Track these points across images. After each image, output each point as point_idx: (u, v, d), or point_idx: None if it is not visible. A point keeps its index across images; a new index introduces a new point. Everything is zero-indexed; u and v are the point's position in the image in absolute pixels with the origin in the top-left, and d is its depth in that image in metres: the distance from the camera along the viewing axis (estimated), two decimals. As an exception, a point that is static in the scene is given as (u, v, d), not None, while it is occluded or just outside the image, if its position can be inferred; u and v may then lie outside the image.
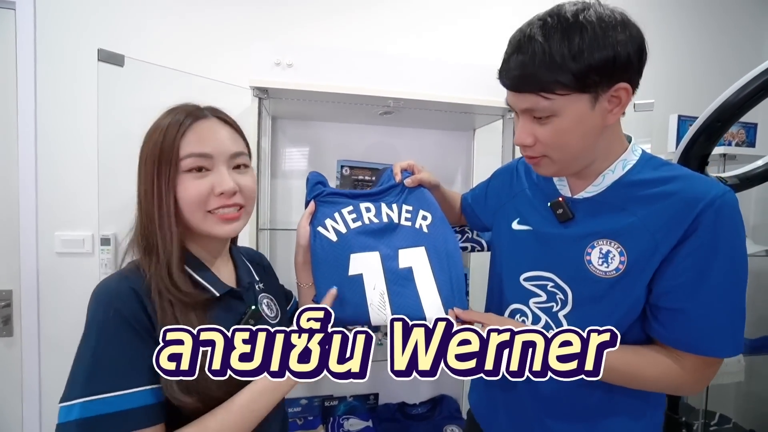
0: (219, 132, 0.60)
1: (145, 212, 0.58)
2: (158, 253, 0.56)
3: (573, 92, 0.55)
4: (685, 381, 0.59)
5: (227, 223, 0.60)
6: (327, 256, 0.71)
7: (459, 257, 0.76)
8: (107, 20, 1.27)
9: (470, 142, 1.55)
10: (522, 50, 0.56)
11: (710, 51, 1.81)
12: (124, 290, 0.53)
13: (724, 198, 0.54)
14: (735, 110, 0.81)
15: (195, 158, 0.57)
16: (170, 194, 0.56)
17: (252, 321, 0.61)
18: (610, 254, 0.60)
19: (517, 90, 0.58)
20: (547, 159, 0.62)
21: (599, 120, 0.58)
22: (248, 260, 0.74)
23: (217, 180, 0.58)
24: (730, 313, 0.55)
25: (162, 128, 0.57)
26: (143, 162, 0.58)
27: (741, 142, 1.58)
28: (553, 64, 0.53)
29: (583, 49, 0.52)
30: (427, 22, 1.51)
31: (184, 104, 0.61)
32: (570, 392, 0.65)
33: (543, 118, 0.58)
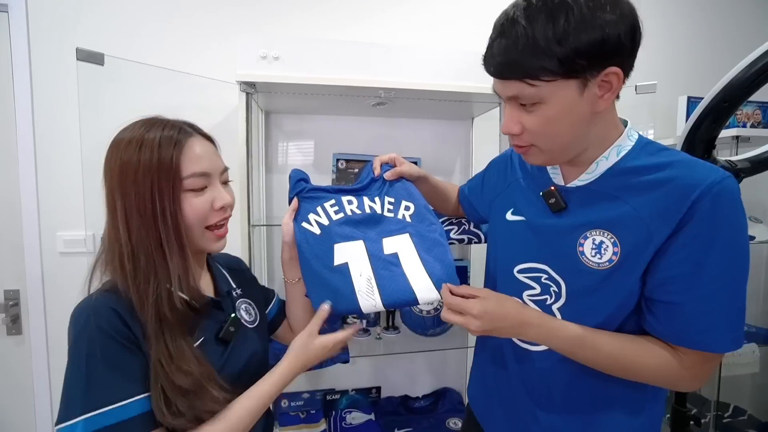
0: (207, 148, 0.62)
1: (139, 230, 0.56)
2: (156, 274, 0.56)
3: (559, 78, 0.52)
4: (683, 376, 0.56)
5: (221, 238, 0.65)
6: (312, 249, 0.71)
7: (445, 243, 0.75)
8: (93, 19, 1.26)
9: (469, 131, 1.51)
10: (505, 34, 0.53)
11: (718, 30, 1.72)
12: (102, 308, 0.54)
13: (723, 184, 0.51)
14: (743, 89, 0.75)
15: (197, 178, 0.59)
16: (176, 214, 0.57)
17: (232, 328, 0.64)
18: (603, 245, 0.58)
19: (501, 77, 0.56)
20: (536, 148, 0.60)
21: (589, 107, 0.54)
22: (225, 267, 0.75)
23: (217, 195, 0.62)
24: (728, 306, 0.53)
25: (152, 143, 0.56)
26: (131, 175, 0.56)
27: (756, 123, 1.50)
28: (537, 49, 0.50)
29: (569, 32, 0.49)
30: (419, 8, 1.47)
31: (161, 120, 0.61)
32: (564, 383, 0.64)
33: (529, 106, 0.56)
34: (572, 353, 0.60)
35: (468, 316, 0.60)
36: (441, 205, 0.97)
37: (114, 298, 0.55)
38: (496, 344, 0.73)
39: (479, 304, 0.60)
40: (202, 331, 0.61)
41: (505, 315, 0.60)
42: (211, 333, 0.62)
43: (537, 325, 0.60)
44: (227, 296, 0.69)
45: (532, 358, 0.67)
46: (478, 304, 0.60)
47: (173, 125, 0.60)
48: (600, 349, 0.57)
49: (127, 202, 0.56)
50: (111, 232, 0.58)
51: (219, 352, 0.62)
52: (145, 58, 1.05)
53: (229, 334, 0.63)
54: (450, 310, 0.63)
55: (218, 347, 0.62)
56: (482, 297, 0.62)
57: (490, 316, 0.60)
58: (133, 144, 0.57)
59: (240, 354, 0.65)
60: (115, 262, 0.57)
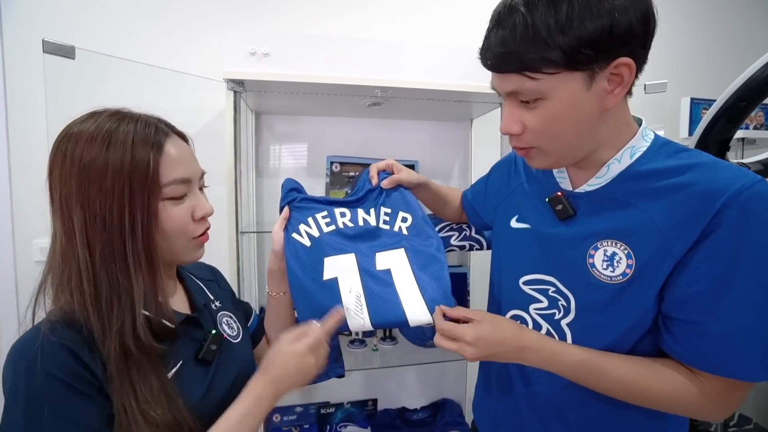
0: (186, 151, 0.55)
1: (103, 246, 0.47)
2: (120, 299, 0.47)
3: (563, 70, 0.47)
4: (704, 405, 0.50)
5: (202, 246, 0.58)
6: (301, 261, 0.68)
7: (443, 258, 0.71)
8: (69, 11, 1.19)
9: (468, 132, 1.47)
10: (502, 24, 0.48)
11: (723, 30, 1.70)
12: (51, 347, 0.44)
13: (753, 190, 0.45)
14: (762, 88, 0.71)
15: (178, 185, 0.52)
16: (150, 227, 0.49)
17: (213, 346, 0.57)
18: (615, 257, 0.53)
19: (499, 70, 0.51)
20: (537, 150, 0.55)
21: (597, 103, 0.49)
22: (199, 278, 0.68)
23: (197, 204, 0.55)
24: (758, 329, 0.46)
25: (124, 141, 0.48)
26: (96, 179, 0.47)
27: (759, 125, 1.47)
28: (537, 38, 0.46)
29: (573, 19, 0.44)
30: (416, 3, 1.42)
31: (129, 114, 0.52)
32: (575, 408, 0.59)
33: (530, 102, 0.51)
34: (578, 379, 0.55)
35: (461, 342, 0.56)
36: (442, 211, 0.93)
37: (67, 333, 0.45)
38: (501, 363, 0.68)
39: (473, 330, 0.56)
40: (178, 354, 0.53)
41: (501, 340, 0.56)
42: (189, 355, 0.55)
43: (537, 349, 0.55)
44: (205, 310, 0.62)
45: (540, 380, 0.62)
46: (472, 329, 0.56)
47: (147, 121, 0.51)
48: (609, 374, 0.53)
49: (89, 211, 0.47)
50: (66, 248, 0.48)
51: (200, 376, 0.55)
52: (123, 52, 0.97)
53: (210, 354, 0.56)
54: (442, 336, 0.58)
55: (199, 370, 0.55)
56: (477, 321, 0.57)
57: (485, 342, 0.55)
58: (98, 140, 0.47)
59: (225, 374, 0.58)
60: (71, 284, 0.47)
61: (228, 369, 0.59)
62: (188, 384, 0.52)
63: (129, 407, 0.45)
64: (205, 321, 0.61)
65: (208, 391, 0.54)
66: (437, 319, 0.61)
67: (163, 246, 0.52)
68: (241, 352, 0.64)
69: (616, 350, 0.55)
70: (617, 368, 0.53)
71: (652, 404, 0.53)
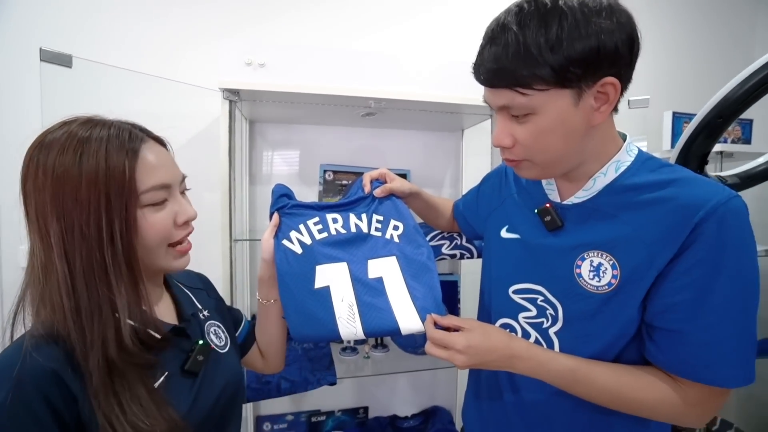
0: (163, 155, 0.54)
1: (81, 258, 0.46)
2: (101, 312, 0.46)
3: (552, 87, 0.49)
4: (686, 412, 0.52)
5: (184, 255, 0.56)
6: (292, 269, 0.67)
7: (433, 266, 0.72)
8: (57, 17, 1.18)
9: (459, 142, 1.49)
10: (495, 41, 0.50)
11: (704, 46, 1.77)
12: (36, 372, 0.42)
13: (729, 205, 0.48)
14: (737, 105, 0.75)
15: (158, 191, 0.50)
16: (129, 236, 0.48)
17: (200, 357, 0.56)
18: (601, 267, 0.55)
19: (492, 85, 0.53)
20: (528, 162, 0.57)
21: (584, 119, 0.52)
22: (188, 286, 0.67)
23: (179, 209, 0.53)
24: (736, 337, 0.49)
25: (97, 149, 0.46)
26: (70, 189, 0.45)
27: (737, 139, 1.53)
28: (528, 56, 0.48)
29: (562, 39, 0.47)
30: (410, 17, 1.45)
31: (101, 120, 0.50)
32: (561, 413, 0.61)
33: (521, 117, 0.53)
34: (566, 387, 0.56)
35: (452, 350, 0.57)
36: (434, 221, 0.94)
37: (52, 352, 0.44)
38: (490, 371, 0.69)
39: (463, 338, 0.57)
40: (165, 365, 0.52)
41: (491, 348, 0.57)
42: (175, 366, 0.54)
43: (526, 357, 0.56)
44: (193, 319, 0.61)
45: (529, 388, 0.63)
46: (463, 337, 0.57)
47: (120, 127, 0.49)
48: (595, 382, 0.54)
49: (66, 223, 0.45)
50: (44, 261, 0.46)
51: (187, 388, 0.54)
52: (120, 61, 0.98)
53: (196, 365, 0.55)
54: (433, 344, 0.59)
55: (185, 381, 0.54)
56: (467, 329, 0.58)
57: (476, 350, 0.56)
58: (71, 149, 0.46)
59: (212, 386, 0.57)
60: (52, 299, 0.45)
61: (214, 380, 0.58)
62: (175, 396, 0.51)
63: (117, 421, 0.44)
64: (192, 331, 0.60)
65: (195, 403, 0.53)
66: (428, 327, 0.62)
67: (143, 255, 0.51)
68: (228, 363, 0.63)
69: (602, 358, 0.56)
70: (603, 377, 0.54)
71: (636, 411, 0.54)
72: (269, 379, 1.09)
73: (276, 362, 0.78)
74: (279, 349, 0.77)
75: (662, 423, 0.60)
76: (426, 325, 0.63)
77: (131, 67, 0.96)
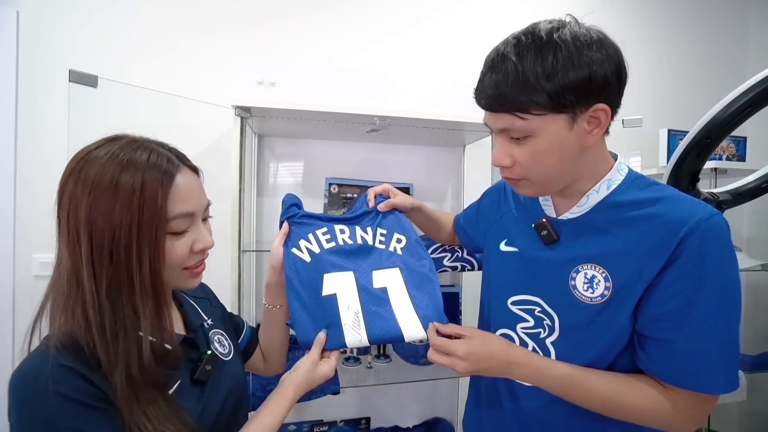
0: (194, 184, 0.55)
1: (110, 277, 0.47)
2: (126, 331, 0.47)
3: (549, 112, 0.53)
4: (676, 418, 0.54)
5: (199, 275, 0.57)
6: (300, 277, 0.70)
7: (435, 278, 0.75)
8: (84, 41, 1.25)
9: (461, 157, 1.54)
10: (495, 69, 0.54)
11: (697, 65, 1.82)
12: (57, 371, 0.44)
13: (710, 222, 0.51)
14: (723, 127, 0.79)
15: (182, 219, 0.51)
16: (158, 259, 0.49)
17: (209, 367, 0.58)
18: (595, 279, 0.58)
19: (492, 110, 0.57)
20: (526, 180, 0.60)
21: (578, 141, 0.56)
22: (191, 296, 0.69)
23: (198, 237, 0.54)
24: (720, 346, 0.52)
25: (133, 185, 0.47)
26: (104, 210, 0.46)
27: (731, 156, 1.57)
28: (526, 84, 0.52)
29: (557, 69, 0.51)
30: (413, 40, 1.51)
31: (143, 142, 0.52)
32: (559, 423, 0.63)
33: (520, 139, 0.56)
34: (562, 393, 0.58)
35: (454, 357, 0.59)
36: (436, 235, 0.97)
37: (70, 356, 0.45)
38: (490, 380, 0.72)
39: (464, 345, 0.59)
40: (176, 375, 0.54)
41: (491, 355, 0.59)
42: (185, 375, 0.55)
43: (524, 364, 0.59)
44: (200, 330, 0.63)
45: (527, 395, 0.65)
46: (464, 344, 0.59)
47: (159, 153, 0.51)
48: (590, 388, 0.56)
49: (96, 241, 0.46)
50: (71, 275, 0.47)
51: (196, 396, 0.55)
52: (140, 81, 1.04)
53: (205, 374, 0.56)
54: (435, 351, 0.61)
55: (195, 390, 0.56)
56: (468, 337, 0.61)
57: (476, 357, 0.59)
58: (110, 169, 0.47)
59: (218, 393, 0.59)
60: (76, 311, 0.46)
61: (220, 387, 0.59)
62: (186, 404, 0.52)
63: (145, 429, 0.45)
64: (200, 341, 0.61)
65: (204, 411, 0.55)
66: (431, 334, 0.64)
67: (165, 278, 0.52)
68: (232, 370, 0.64)
69: (597, 366, 0.59)
70: (597, 383, 0.56)
71: (628, 417, 0.57)
72: (273, 388, 1.11)
73: (277, 364, 0.81)
74: (281, 352, 0.80)
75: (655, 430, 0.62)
76: (429, 333, 0.65)
77: (150, 86, 1.02)
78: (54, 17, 1.24)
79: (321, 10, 1.43)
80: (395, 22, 1.49)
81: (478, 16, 1.57)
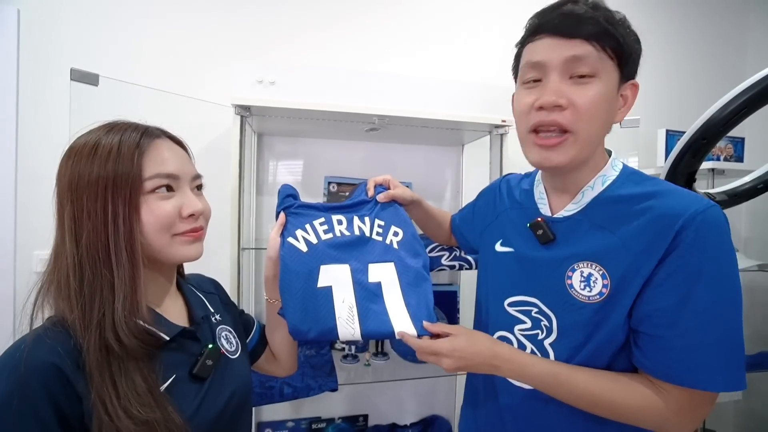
0: (177, 152, 0.56)
1: (88, 237, 0.48)
2: (102, 292, 0.48)
3: (615, 60, 0.55)
4: (668, 417, 0.53)
5: (195, 241, 0.56)
6: (296, 267, 0.68)
7: (428, 276, 0.75)
8: (85, 39, 1.26)
9: (459, 156, 1.54)
10: (580, 1, 0.56)
11: (695, 66, 1.83)
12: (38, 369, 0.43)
13: (706, 214, 0.50)
14: (719, 128, 0.80)
15: (161, 178, 0.52)
16: (131, 220, 0.49)
17: (209, 362, 0.56)
18: (591, 277, 0.57)
19: (570, 33, 0.54)
20: (572, 137, 0.56)
21: (614, 109, 0.58)
22: (201, 290, 0.68)
23: (186, 201, 0.54)
24: (717, 342, 0.50)
25: (110, 147, 0.50)
26: (84, 186, 0.49)
27: (729, 156, 1.58)
28: (612, 20, 0.55)
29: (626, 25, 0.56)
30: (413, 39, 1.52)
31: (124, 122, 0.55)
32: (556, 425, 0.62)
33: (585, 77, 0.54)
34: (550, 390, 0.58)
35: (439, 354, 0.60)
36: (434, 232, 0.96)
37: (57, 344, 0.45)
38: (486, 380, 0.71)
39: (448, 343, 0.60)
40: (173, 367, 0.52)
41: (476, 352, 0.60)
42: (184, 369, 0.53)
43: (508, 360, 0.59)
44: (204, 323, 0.61)
45: (522, 396, 0.64)
46: (448, 342, 0.60)
47: (136, 128, 0.53)
48: (578, 386, 0.55)
49: (77, 206, 0.49)
50: (58, 245, 0.50)
51: (193, 392, 0.53)
52: (141, 79, 1.04)
53: (205, 370, 0.54)
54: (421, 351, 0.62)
55: (192, 386, 0.53)
56: (453, 335, 0.61)
57: (461, 354, 0.59)
58: (89, 146, 0.50)
59: (220, 392, 0.56)
60: (60, 278, 0.48)
61: (223, 386, 0.57)
62: (178, 400, 0.50)
63: (109, 402, 0.44)
64: (203, 335, 0.59)
65: (200, 409, 0.52)
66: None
67: (144, 242, 0.52)
68: (238, 369, 0.62)
69: (596, 366, 0.57)
70: (584, 381, 0.55)
71: (620, 416, 0.55)
72: (272, 384, 1.12)
73: (289, 363, 0.78)
74: (291, 350, 0.78)
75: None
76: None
77: (151, 85, 1.02)
78: (55, 15, 1.24)
79: (320, 10, 1.44)
80: (394, 22, 1.50)
81: (477, 16, 1.57)
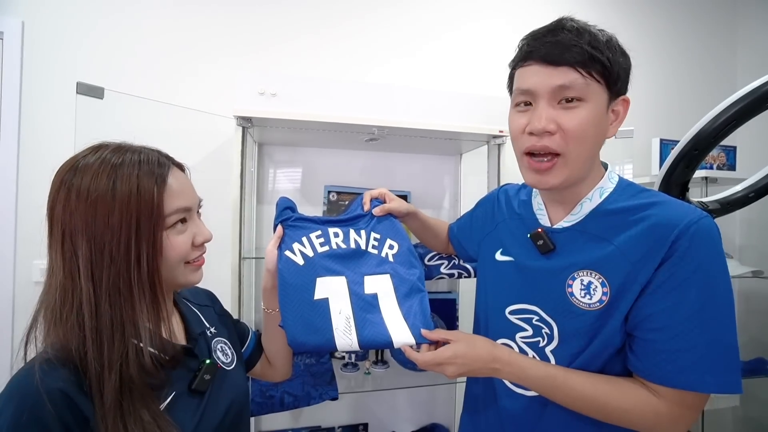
0: (185, 181, 0.58)
1: (108, 279, 0.47)
2: (123, 331, 0.47)
3: (603, 82, 0.56)
4: (660, 420, 0.54)
5: (200, 268, 0.59)
6: (293, 280, 0.69)
7: (423, 287, 0.76)
8: (89, 51, 1.28)
9: (457, 165, 1.56)
10: (566, 29, 0.57)
11: (688, 75, 1.87)
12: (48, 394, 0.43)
13: (699, 224, 0.53)
14: (711, 139, 0.82)
15: (180, 213, 0.54)
16: (155, 259, 0.50)
17: (207, 376, 0.57)
18: (591, 285, 0.59)
19: (556, 61, 0.56)
20: (562, 160, 0.58)
21: (605, 127, 0.60)
22: (195, 303, 0.69)
23: (197, 231, 0.57)
24: (708, 345, 0.52)
25: (129, 175, 0.49)
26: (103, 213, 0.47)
27: (722, 165, 1.60)
28: (597, 44, 0.56)
29: (613, 45, 0.57)
30: (412, 51, 1.54)
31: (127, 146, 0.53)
32: (557, 428, 0.63)
33: (572, 102, 0.56)
34: (547, 393, 0.59)
35: (442, 363, 0.61)
36: (431, 242, 0.97)
37: (62, 375, 0.45)
38: (485, 387, 0.72)
39: (450, 350, 0.61)
40: (172, 384, 0.53)
41: (477, 357, 0.60)
42: (183, 385, 0.54)
43: (507, 362, 0.60)
44: (200, 338, 0.62)
45: (522, 402, 0.65)
46: (449, 350, 0.61)
47: (148, 154, 0.53)
48: (574, 388, 0.57)
49: (96, 245, 0.47)
50: (64, 282, 0.47)
51: (193, 407, 0.54)
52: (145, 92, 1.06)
53: (203, 384, 0.56)
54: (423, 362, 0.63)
55: (192, 401, 0.54)
56: (454, 341, 0.62)
57: (463, 359, 0.60)
58: (104, 175, 0.48)
59: (218, 404, 0.58)
60: (70, 319, 0.46)
61: (220, 398, 0.58)
62: (180, 415, 0.51)
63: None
64: (200, 350, 0.60)
65: (201, 422, 0.53)
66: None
67: (164, 274, 0.53)
68: (235, 380, 0.64)
69: (591, 369, 0.58)
70: (581, 384, 0.57)
71: (614, 418, 0.56)
72: (273, 393, 1.12)
73: (284, 370, 0.80)
74: (286, 356, 0.79)
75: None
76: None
77: (155, 97, 1.04)
78: (59, 28, 1.26)
79: (321, 25, 1.46)
80: (393, 35, 1.53)
81: (475, 29, 1.60)
